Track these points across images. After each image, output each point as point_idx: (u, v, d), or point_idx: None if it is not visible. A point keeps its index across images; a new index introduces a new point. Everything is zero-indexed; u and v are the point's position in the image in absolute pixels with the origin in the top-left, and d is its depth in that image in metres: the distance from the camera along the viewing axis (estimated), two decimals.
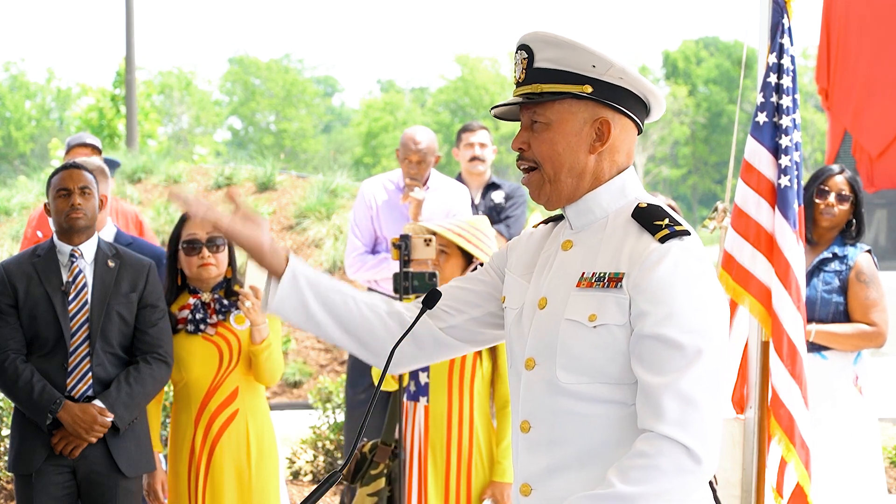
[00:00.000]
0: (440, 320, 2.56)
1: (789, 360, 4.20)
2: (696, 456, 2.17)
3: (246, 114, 57.07)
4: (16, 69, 53.24)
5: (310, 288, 2.48)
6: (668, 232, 2.28)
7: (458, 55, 56.11)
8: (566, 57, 2.34)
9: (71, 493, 4.38)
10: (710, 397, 2.20)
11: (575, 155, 2.37)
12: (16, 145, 49.61)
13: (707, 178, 53.65)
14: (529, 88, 2.37)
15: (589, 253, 2.37)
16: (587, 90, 2.34)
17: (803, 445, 4.20)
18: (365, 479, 4.28)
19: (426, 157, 6.17)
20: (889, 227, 18.29)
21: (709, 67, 56.13)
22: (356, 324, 2.52)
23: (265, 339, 4.41)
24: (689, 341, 2.20)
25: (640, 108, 2.40)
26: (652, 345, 2.22)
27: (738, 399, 4.46)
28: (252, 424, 4.48)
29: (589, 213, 2.40)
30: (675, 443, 2.17)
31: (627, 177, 2.40)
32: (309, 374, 10.24)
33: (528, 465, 2.39)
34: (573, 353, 2.31)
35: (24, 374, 4.30)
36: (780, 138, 4.27)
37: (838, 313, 4.90)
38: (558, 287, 2.38)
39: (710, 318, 2.24)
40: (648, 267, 2.25)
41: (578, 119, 2.36)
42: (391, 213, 6.20)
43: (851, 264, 4.93)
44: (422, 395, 4.31)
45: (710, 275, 2.29)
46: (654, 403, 2.19)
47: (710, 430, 2.19)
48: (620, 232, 2.35)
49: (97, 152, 6.55)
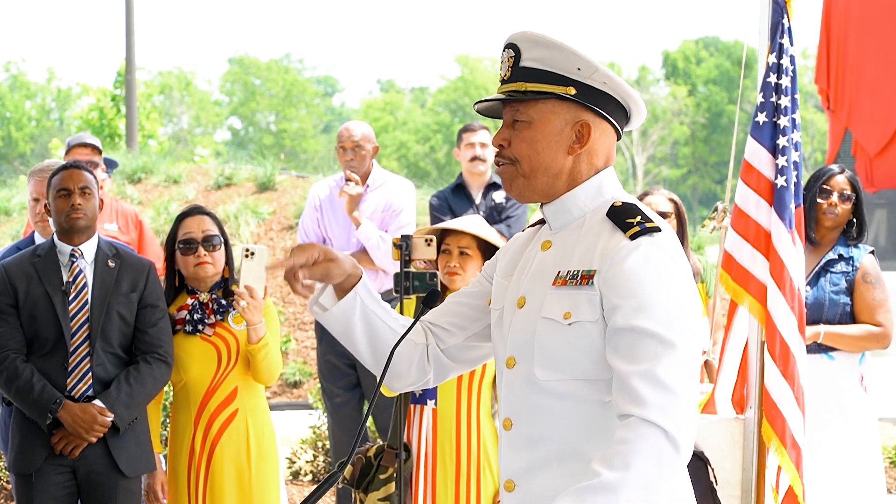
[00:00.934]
0: (441, 341, 2.61)
1: (781, 361, 4.20)
2: (674, 440, 2.19)
3: (246, 114, 57.04)
4: (16, 69, 53.26)
5: (363, 314, 2.53)
6: (638, 229, 2.32)
7: (458, 55, 56.11)
8: (552, 58, 2.38)
9: (71, 492, 4.38)
10: (686, 386, 2.23)
11: (553, 155, 2.40)
12: (16, 145, 49.59)
13: (707, 178, 53.62)
14: (514, 86, 2.41)
15: (565, 252, 2.41)
16: (571, 92, 2.37)
17: (794, 445, 4.20)
18: (374, 483, 4.27)
19: (361, 145, 6.19)
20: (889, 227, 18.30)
21: (709, 67, 56.10)
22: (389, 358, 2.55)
23: (262, 338, 4.40)
24: (663, 332, 2.23)
25: (620, 114, 2.44)
26: (626, 336, 2.25)
27: (738, 399, 4.46)
28: (252, 424, 4.48)
29: (566, 213, 2.43)
30: (653, 426, 2.19)
31: (605, 176, 2.44)
32: (309, 374, 10.24)
33: (511, 462, 2.43)
34: (550, 351, 2.35)
35: (25, 373, 4.31)
36: (779, 138, 4.27)
37: (845, 314, 4.92)
38: (536, 286, 2.41)
39: (682, 311, 2.27)
40: (618, 262, 2.29)
41: (560, 120, 2.39)
42: (334, 212, 6.22)
43: (858, 265, 4.94)
44: (429, 397, 4.31)
45: (682, 269, 2.32)
46: (631, 390, 2.22)
47: (686, 417, 2.22)
48: (595, 230, 2.38)
49: (97, 152, 6.55)
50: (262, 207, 12.43)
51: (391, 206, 6.22)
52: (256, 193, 12.91)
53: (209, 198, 12.86)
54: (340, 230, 6.22)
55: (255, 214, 12.28)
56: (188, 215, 4.59)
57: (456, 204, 6.70)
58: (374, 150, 6.29)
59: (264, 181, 13.06)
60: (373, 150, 6.28)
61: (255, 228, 12.08)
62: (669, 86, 54.34)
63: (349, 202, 6.10)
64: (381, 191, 6.27)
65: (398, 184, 6.40)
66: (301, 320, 10.96)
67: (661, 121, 51.17)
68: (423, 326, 2.62)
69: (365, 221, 6.12)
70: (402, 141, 51.38)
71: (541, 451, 2.37)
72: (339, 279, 2.50)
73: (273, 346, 4.48)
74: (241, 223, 12.08)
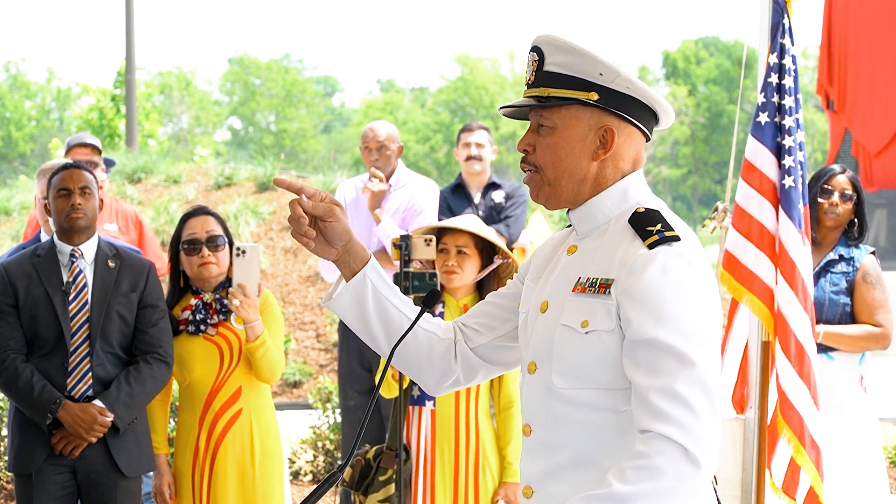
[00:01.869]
0: (470, 340, 2.59)
1: (797, 361, 4.19)
2: (694, 458, 2.16)
3: (246, 114, 57.03)
4: (16, 69, 53.25)
5: (374, 298, 2.48)
6: (657, 238, 2.28)
7: (458, 55, 56.07)
8: (574, 63, 2.36)
9: (71, 492, 4.37)
10: (707, 401, 2.19)
11: (577, 161, 2.38)
12: (16, 145, 49.58)
13: (707, 178, 53.62)
14: (538, 91, 2.40)
15: (587, 258, 2.39)
16: (593, 97, 2.35)
17: (813, 445, 4.19)
18: (374, 485, 4.26)
19: (386, 145, 6.21)
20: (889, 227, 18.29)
21: (709, 67, 56.09)
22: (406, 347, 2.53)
23: (259, 336, 4.40)
24: (682, 345, 2.20)
25: (647, 116, 2.41)
26: (645, 349, 2.22)
27: (738, 399, 4.46)
28: (256, 424, 4.48)
29: (592, 218, 2.42)
30: (673, 443, 2.16)
31: (631, 181, 2.41)
32: (309, 374, 10.24)
33: (529, 468, 2.42)
34: (567, 358, 2.33)
35: (25, 373, 4.30)
36: (783, 139, 4.26)
37: (845, 314, 4.92)
38: (559, 291, 2.39)
39: (701, 324, 2.23)
40: (636, 272, 2.26)
41: (583, 125, 2.37)
42: (357, 213, 6.22)
43: (858, 266, 4.94)
44: (428, 399, 4.30)
45: (704, 279, 2.28)
46: (650, 405, 2.19)
47: (708, 434, 2.18)
48: (617, 237, 2.36)
49: (97, 152, 6.55)
50: (262, 207, 12.42)
51: (413, 205, 6.22)
52: (256, 193, 12.91)
53: (209, 198, 12.86)
54: (362, 230, 6.23)
55: (255, 214, 12.27)
56: (192, 216, 4.59)
57: (455, 204, 6.71)
58: (398, 150, 6.30)
59: (264, 181, 13.05)
60: (397, 150, 6.29)
61: (255, 228, 12.08)
62: (669, 86, 54.31)
63: (371, 198, 6.12)
64: (405, 190, 6.27)
65: (422, 184, 6.40)
66: (301, 320, 10.96)
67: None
68: (455, 325, 2.60)
69: (385, 218, 6.13)
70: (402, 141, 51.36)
71: (557, 459, 2.35)
72: (341, 233, 2.44)
73: (274, 344, 4.47)
74: (240, 223, 12.08)
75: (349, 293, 2.47)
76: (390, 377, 4.21)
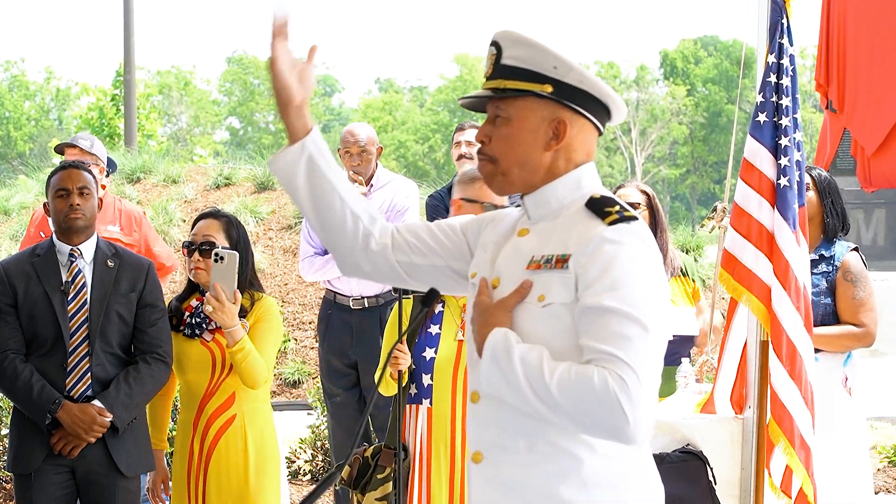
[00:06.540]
0: (402, 254, 2.63)
1: (788, 361, 4.20)
2: (627, 420, 2.23)
3: (245, 113, 57.02)
4: (15, 69, 53.22)
5: (308, 167, 2.54)
6: (617, 217, 2.37)
7: (457, 54, 56.08)
8: (530, 56, 2.45)
9: (70, 492, 4.37)
10: (649, 371, 2.27)
11: (529, 151, 2.47)
12: (15, 145, 49.58)
13: (706, 177, 53.61)
14: (495, 83, 2.49)
15: (541, 239, 2.47)
16: (547, 90, 2.44)
17: (803, 446, 4.20)
18: (372, 483, 4.26)
19: (366, 148, 6.19)
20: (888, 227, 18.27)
21: (707, 67, 56.07)
22: (331, 221, 2.58)
23: (237, 342, 4.30)
24: (632, 314, 2.27)
25: (600, 110, 2.50)
26: (595, 315, 2.30)
27: (738, 399, 4.46)
28: (250, 430, 4.42)
29: (546, 204, 2.50)
30: (612, 387, 2.24)
31: (584, 171, 2.50)
32: (308, 373, 10.24)
33: (478, 436, 2.49)
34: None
35: (24, 373, 4.30)
36: (780, 138, 4.27)
37: (827, 315, 4.89)
38: (512, 270, 2.47)
39: (652, 299, 2.32)
40: (595, 245, 2.34)
41: (537, 117, 2.46)
42: None
43: (838, 264, 4.91)
44: (424, 397, 4.29)
45: (655, 260, 2.38)
46: (599, 351, 2.27)
47: (644, 401, 2.25)
48: (572, 220, 2.44)
49: (85, 153, 6.49)
50: (261, 207, 12.42)
51: (395, 205, 6.21)
52: (255, 193, 12.91)
53: (208, 198, 12.86)
54: None
55: (254, 214, 12.27)
56: (201, 217, 4.57)
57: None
58: (378, 151, 6.30)
59: (263, 181, 13.05)
60: (377, 152, 6.28)
61: (253, 228, 12.07)
62: (668, 85, 54.34)
63: None
64: (385, 190, 6.27)
65: (402, 183, 6.40)
66: (300, 320, 10.96)
67: (659, 120, 51.19)
68: (392, 229, 2.64)
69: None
70: (400, 140, 51.38)
71: (509, 430, 2.42)
72: (308, 86, 2.53)
73: (263, 352, 4.37)
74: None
75: (288, 158, 2.54)
76: (388, 376, 4.21)
